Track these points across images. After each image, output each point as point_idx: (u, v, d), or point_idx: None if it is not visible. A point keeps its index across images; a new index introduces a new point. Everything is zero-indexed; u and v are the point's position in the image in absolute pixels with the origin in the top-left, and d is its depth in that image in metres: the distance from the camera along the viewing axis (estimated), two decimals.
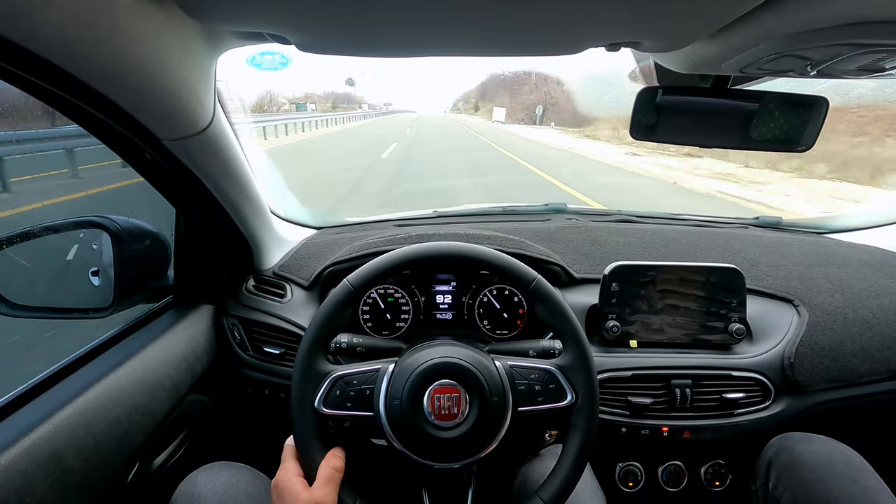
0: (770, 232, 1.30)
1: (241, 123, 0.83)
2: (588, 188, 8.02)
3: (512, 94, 72.46)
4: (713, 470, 1.02)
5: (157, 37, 0.50)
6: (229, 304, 1.04)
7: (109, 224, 0.88)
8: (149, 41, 0.50)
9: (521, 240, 1.10)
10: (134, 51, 0.49)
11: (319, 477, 0.61)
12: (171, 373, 0.84)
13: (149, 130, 0.62)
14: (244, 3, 0.45)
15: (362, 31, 0.53)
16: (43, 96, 0.52)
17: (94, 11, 0.42)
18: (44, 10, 0.39)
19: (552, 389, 0.67)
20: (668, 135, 0.84)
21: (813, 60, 0.57)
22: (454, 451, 0.64)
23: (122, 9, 0.44)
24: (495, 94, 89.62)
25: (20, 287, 0.89)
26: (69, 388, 0.69)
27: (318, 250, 1.14)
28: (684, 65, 0.66)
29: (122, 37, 0.46)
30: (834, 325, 0.98)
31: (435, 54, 0.61)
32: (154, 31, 0.49)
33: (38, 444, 0.60)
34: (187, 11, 0.47)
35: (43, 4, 0.39)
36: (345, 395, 0.66)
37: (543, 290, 0.70)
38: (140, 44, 0.49)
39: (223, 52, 0.64)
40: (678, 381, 0.93)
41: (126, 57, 0.49)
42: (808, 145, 0.79)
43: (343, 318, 0.69)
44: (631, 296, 0.99)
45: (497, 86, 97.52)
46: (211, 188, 0.80)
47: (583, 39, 0.57)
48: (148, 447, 0.79)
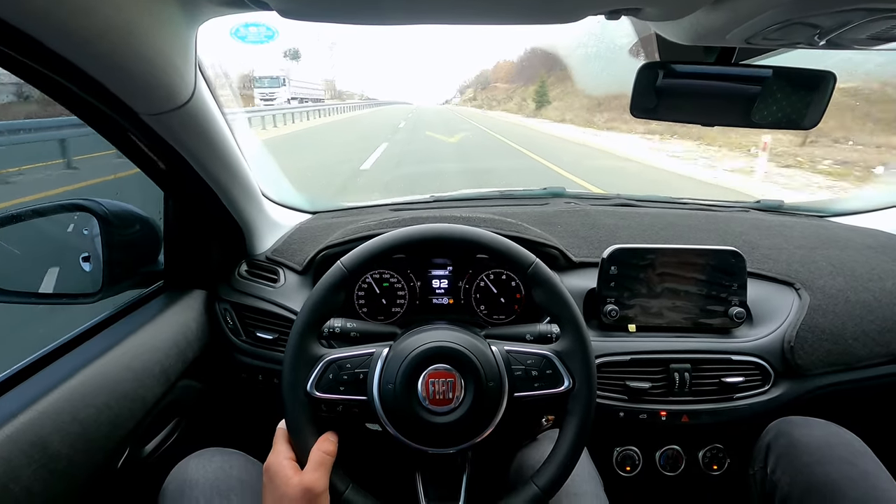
0: (771, 215, 1.29)
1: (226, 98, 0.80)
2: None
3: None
4: (711, 454, 1.02)
5: (133, 4, 0.47)
6: (222, 289, 1.02)
7: (96, 207, 0.85)
8: (121, 7, 0.46)
9: (518, 223, 1.08)
10: (105, 18, 0.46)
11: (311, 461, 0.60)
12: (161, 358, 0.83)
13: (124, 103, 0.59)
14: None
15: None
16: (14, 69, 0.49)
17: None
18: None
19: (549, 375, 0.66)
20: (670, 113, 0.81)
21: (822, 28, 0.54)
22: (448, 436, 0.63)
23: None
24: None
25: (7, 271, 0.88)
26: (54, 373, 0.68)
27: (313, 234, 1.12)
28: (688, 35, 0.63)
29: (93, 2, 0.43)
30: (835, 308, 0.96)
31: (428, 21, 0.58)
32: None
33: (21, 430, 0.58)
34: None
35: None
36: (338, 378, 0.64)
37: (541, 274, 0.68)
38: (111, 10, 0.46)
39: (203, 21, 0.60)
40: (677, 365, 0.92)
41: (97, 24, 0.46)
42: (813, 122, 0.77)
43: (336, 301, 0.68)
44: (630, 279, 0.97)
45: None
46: (197, 168, 0.78)
47: (582, 6, 0.55)
48: (138, 433, 0.77)
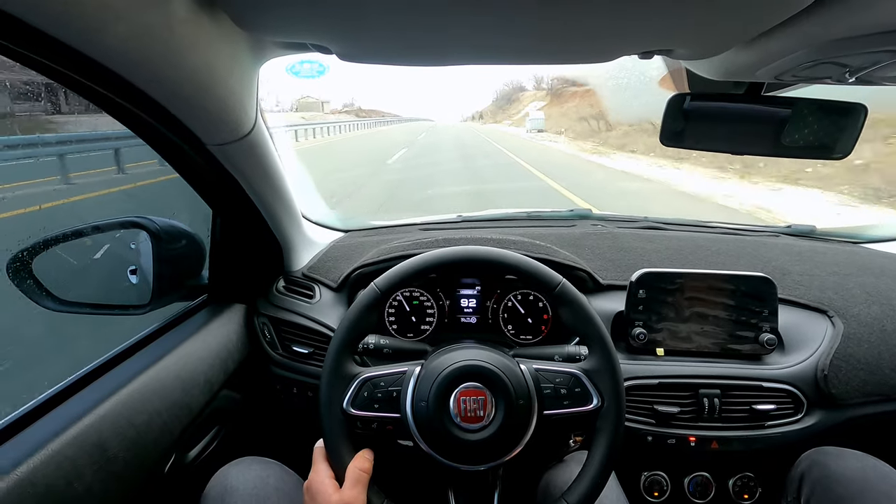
0: (802, 241, 1.27)
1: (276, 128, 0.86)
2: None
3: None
4: (742, 483, 1.00)
5: (209, 47, 0.53)
6: (260, 303, 1.07)
7: (150, 224, 0.91)
8: (201, 51, 0.52)
9: (547, 245, 1.10)
10: (187, 60, 0.52)
11: (348, 478, 0.63)
12: (205, 369, 0.87)
13: (196, 135, 0.66)
14: (291, 15, 0.48)
15: (402, 41, 0.55)
16: (102, 103, 0.56)
17: (156, 25, 0.45)
18: (113, 24, 0.42)
19: (578, 393, 0.67)
20: (698, 141, 0.83)
21: (852, 67, 0.56)
22: (480, 453, 0.65)
23: (180, 21, 0.47)
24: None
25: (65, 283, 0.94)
26: (113, 380, 0.73)
27: (346, 252, 1.16)
28: (718, 72, 0.66)
29: (178, 47, 0.49)
30: (871, 337, 0.94)
31: (472, 63, 0.62)
32: (206, 41, 0.52)
33: (85, 432, 0.63)
34: (237, 22, 0.50)
35: (113, 20, 0.42)
36: (372, 396, 0.67)
37: (568, 294, 0.70)
38: (193, 54, 0.52)
39: (267, 60, 0.67)
40: (706, 390, 0.92)
41: (180, 66, 0.52)
42: (844, 153, 0.77)
43: (370, 320, 0.71)
44: (658, 303, 0.98)
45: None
46: (248, 191, 0.83)
47: (617, 47, 0.58)
48: (184, 440, 0.82)
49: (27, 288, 0.82)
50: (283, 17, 0.48)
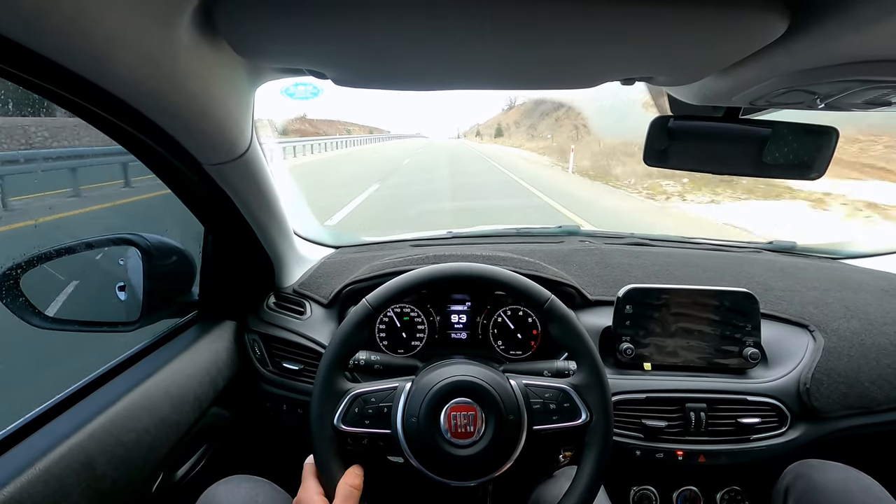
0: (784, 257, 1.31)
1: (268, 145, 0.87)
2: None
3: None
4: (729, 496, 1.01)
5: (209, 72, 0.55)
6: (251, 320, 1.07)
7: (140, 241, 0.91)
8: (201, 77, 0.54)
9: (535, 261, 1.12)
10: (188, 86, 0.54)
11: (338, 495, 0.62)
12: (195, 386, 0.87)
13: (193, 156, 0.67)
14: (289, 43, 0.49)
15: (395, 67, 0.57)
16: (102, 125, 0.57)
17: (161, 53, 0.47)
18: (122, 55, 0.44)
19: (567, 408, 0.68)
20: (681, 161, 0.86)
21: (821, 94, 0.59)
22: (470, 469, 0.65)
23: (183, 49, 0.49)
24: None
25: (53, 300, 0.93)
26: (101, 398, 0.72)
27: (337, 269, 1.17)
28: (696, 97, 0.69)
29: (181, 74, 0.51)
30: (850, 351, 0.97)
31: (460, 87, 0.65)
32: (206, 67, 0.54)
33: (73, 450, 0.62)
34: (236, 49, 0.52)
35: (122, 51, 0.44)
36: (363, 412, 0.67)
37: (557, 310, 0.71)
38: (194, 79, 0.54)
39: (263, 82, 0.69)
40: (693, 404, 0.93)
41: (181, 91, 0.54)
42: (819, 173, 0.81)
43: (361, 337, 0.71)
44: (645, 318, 1.00)
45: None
46: (242, 209, 0.84)
47: (599, 74, 0.61)
48: (172, 458, 0.81)
49: (16, 305, 0.81)
50: (280, 46, 0.50)
